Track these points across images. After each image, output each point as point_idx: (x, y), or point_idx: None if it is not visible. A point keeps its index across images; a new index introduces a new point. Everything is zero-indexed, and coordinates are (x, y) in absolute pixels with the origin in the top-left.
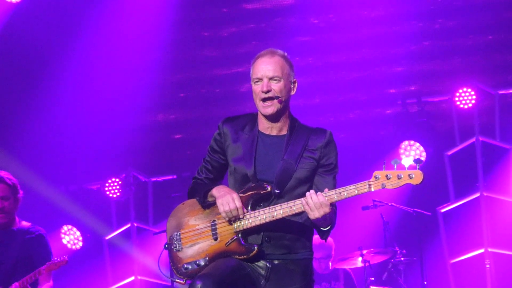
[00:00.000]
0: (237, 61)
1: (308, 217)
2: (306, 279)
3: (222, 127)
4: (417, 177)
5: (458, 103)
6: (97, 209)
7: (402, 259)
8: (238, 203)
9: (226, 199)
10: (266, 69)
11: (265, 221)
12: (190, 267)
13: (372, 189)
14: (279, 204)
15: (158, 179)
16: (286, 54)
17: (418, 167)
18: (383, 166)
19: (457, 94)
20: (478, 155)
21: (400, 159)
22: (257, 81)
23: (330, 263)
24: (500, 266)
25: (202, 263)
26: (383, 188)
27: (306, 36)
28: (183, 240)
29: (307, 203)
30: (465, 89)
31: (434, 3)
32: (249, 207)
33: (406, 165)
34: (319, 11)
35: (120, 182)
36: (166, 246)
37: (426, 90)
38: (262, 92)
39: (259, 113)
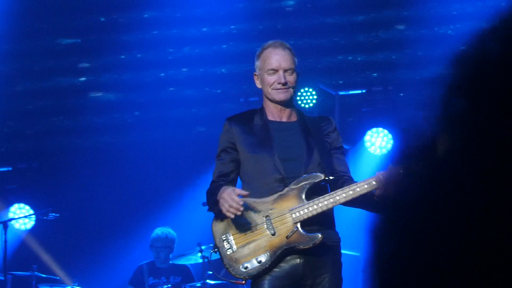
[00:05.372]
0: None
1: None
2: (337, 265)
3: (228, 124)
4: None
5: (299, 102)
6: None
7: None
8: (235, 197)
9: (224, 199)
10: (282, 61)
11: (327, 208)
12: (249, 265)
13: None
14: (341, 189)
15: None
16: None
17: None
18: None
19: (299, 94)
20: None
21: None
22: (272, 72)
23: (171, 256)
24: None
25: (263, 259)
26: None
27: None
28: (235, 241)
29: (380, 181)
30: (306, 89)
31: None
32: (303, 197)
33: None
34: None
35: None
36: (216, 250)
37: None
38: (279, 83)
39: (265, 104)
